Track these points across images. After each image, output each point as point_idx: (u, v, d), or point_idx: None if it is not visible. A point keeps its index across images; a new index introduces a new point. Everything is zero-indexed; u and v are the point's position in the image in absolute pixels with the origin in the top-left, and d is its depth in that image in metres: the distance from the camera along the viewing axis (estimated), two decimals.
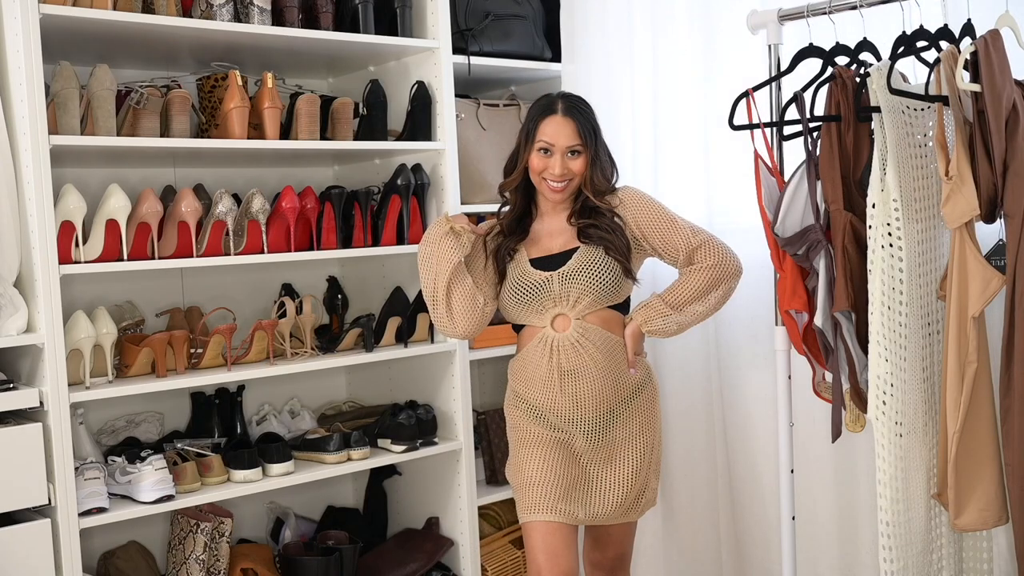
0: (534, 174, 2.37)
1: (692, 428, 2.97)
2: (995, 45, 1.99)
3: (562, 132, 2.32)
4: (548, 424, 2.36)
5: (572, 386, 2.33)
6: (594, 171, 2.35)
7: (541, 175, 2.36)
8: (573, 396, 2.33)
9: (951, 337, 2.07)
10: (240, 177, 3.02)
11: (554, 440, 2.36)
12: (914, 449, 2.18)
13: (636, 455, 2.39)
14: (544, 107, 2.37)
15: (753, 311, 2.74)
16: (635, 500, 2.41)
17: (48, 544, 2.28)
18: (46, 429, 2.29)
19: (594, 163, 2.35)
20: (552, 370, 2.33)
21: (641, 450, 2.39)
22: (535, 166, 2.36)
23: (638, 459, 2.39)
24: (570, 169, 2.34)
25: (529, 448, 2.37)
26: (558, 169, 2.33)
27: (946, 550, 2.29)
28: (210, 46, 2.68)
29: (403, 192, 2.82)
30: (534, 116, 2.37)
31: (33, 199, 2.27)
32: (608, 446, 2.37)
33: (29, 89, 2.24)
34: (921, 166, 2.16)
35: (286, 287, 3.07)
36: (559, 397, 2.33)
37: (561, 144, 2.32)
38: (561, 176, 2.33)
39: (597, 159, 2.36)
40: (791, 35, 2.46)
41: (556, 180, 2.34)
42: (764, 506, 2.80)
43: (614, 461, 2.37)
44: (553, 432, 2.35)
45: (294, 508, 3.06)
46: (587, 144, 2.34)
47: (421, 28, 2.91)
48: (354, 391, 3.30)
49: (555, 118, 2.34)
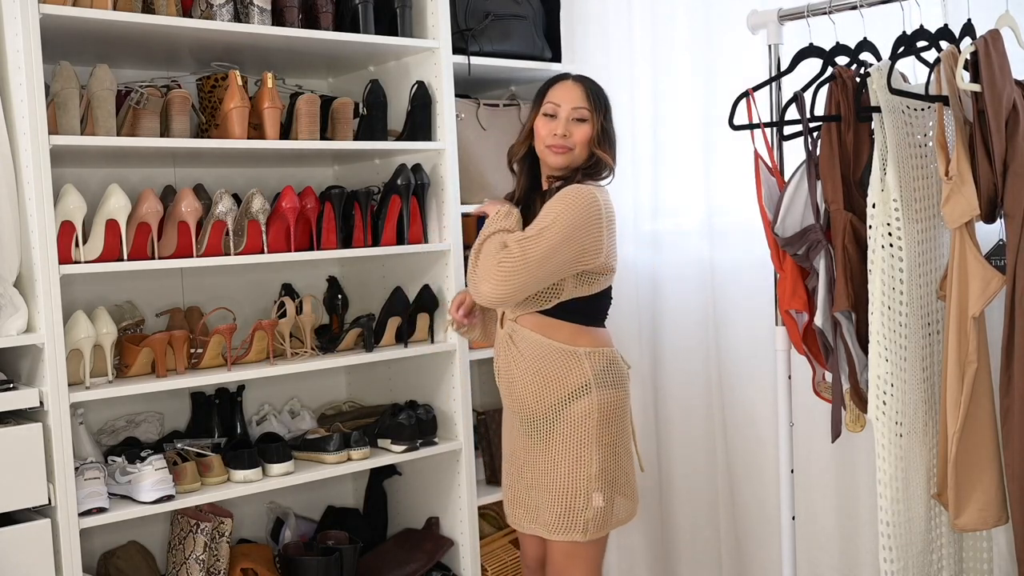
0: (539, 143, 2.30)
1: (692, 428, 2.97)
2: (995, 45, 1.99)
3: (570, 94, 2.28)
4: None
5: (506, 386, 2.36)
6: (601, 145, 2.27)
7: (545, 143, 2.28)
8: (508, 395, 2.36)
9: (951, 337, 2.07)
10: (240, 177, 3.02)
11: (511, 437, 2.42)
12: (914, 449, 2.18)
13: (557, 470, 2.27)
14: (557, 76, 2.36)
15: (753, 311, 2.74)
16: (557, 518, 2.27)
17: (48, 544, 2.28)
18: (46, 429, 2.29)
19: (601, 138, 2.27)
20: (496, 367, 2.38)
21: (565, 467, 2.26)
22: (540, 131, 2.29)
23: (558, 475, 2.27)
24: (572, 133, 2.26)
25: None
26: (560, 128, 2.26)
27: (946, 550, 2.29)
28: (210, 46, 2.68)
29: (403, 192, 2.82)
30: (546, 83, 2.34)
31: (33, 199, 2.27)
32: (534, 451, 2.31)
33: (29, 89, 2.24)
34: (921, 166, 2.16)
35: (286, 287, 3.07)
36: (504, 394, 2.38)
37: (567, 106, 2.27)
38: (563, 137, 2.26)
39: (605, 135, 2.28)
40: (791, 35, 2.46)
41: (557, 143, 2.26)
42: (764, 506, 2.80)
43: (535, 470, 2.31)
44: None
45: (294, 508, 3.06)
46: (595, 111, 2.26)
47: (421, 28, 2.91)
48: (354, 391, 3.30)
49: (566, 83, 2.31)
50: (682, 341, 2.96)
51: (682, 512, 3.01)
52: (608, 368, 2.31)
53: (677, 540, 3.03)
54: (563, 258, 2.19)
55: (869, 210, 2.12)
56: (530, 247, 2.16)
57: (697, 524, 2.99)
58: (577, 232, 2.19)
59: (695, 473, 2.98)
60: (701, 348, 2.92)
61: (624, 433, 2.34)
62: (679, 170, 2.93)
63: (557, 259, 2.18)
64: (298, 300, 2.86)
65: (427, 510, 3.05)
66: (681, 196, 2.94)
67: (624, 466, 2.33)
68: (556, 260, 2.18)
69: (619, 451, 2.31)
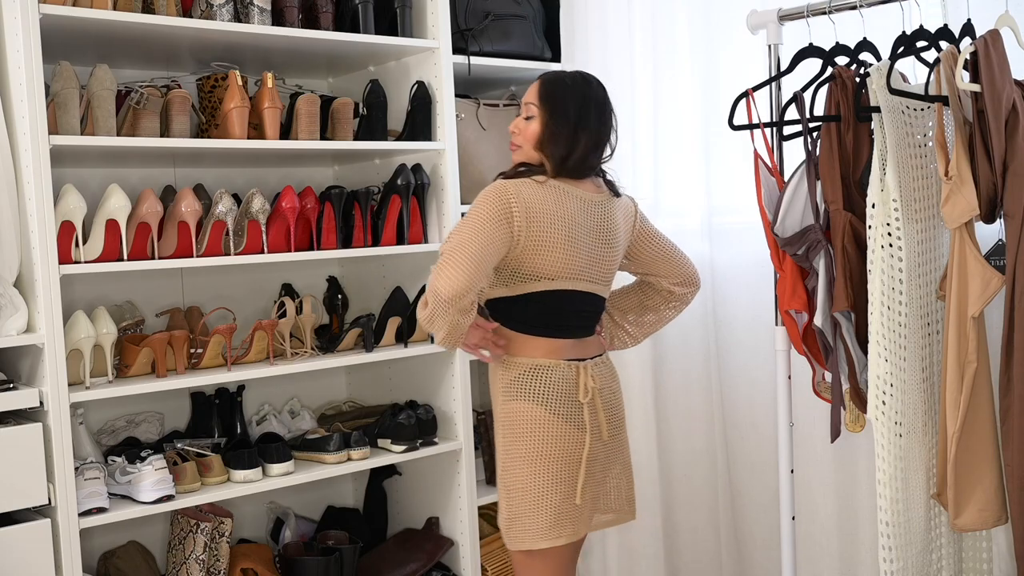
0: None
1: (692, 428, 2.97)
2: (995, 45, 1.99)
3: (529, 92, 2.27)
4: None
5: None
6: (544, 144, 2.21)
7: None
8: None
9: (951, 337, 2.07)
10: (240, 177, 3.02)
11: None
12: (914, 449, 2.18)
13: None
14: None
15: (753, 311, 2.74)
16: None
17: (48, 544, 2.28)
18: (46, 429, 2.29)
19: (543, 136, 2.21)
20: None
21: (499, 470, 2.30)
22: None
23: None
24: (519, 128, 2.25)
25: None
26: (512, 126, 2.27)
27: (946, 550, 2.29)
28: (210, 46, 2.68)
29: (403, 192, 2.82)
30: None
31: (33, 199, 2.27)
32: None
33: (29, 89, 2.24)
34: (921, 166, 2.16)
35: (286, 287, 3.07)
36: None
37: (523, 102, 2.27)
38: (513, 135, 2.27)
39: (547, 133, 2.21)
40: (791, 35, 2.46)
41: (510, 140, 2.27)
42: (764, 506, 2.80)
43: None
44: None
45: (294, 508, 3.06)
46: (542, 107, 2.22)
47: (421, 28, 2.91)
48: (354, 391, 3.30)
49: (535, 81, 2.30)
50: (682, 341, 2.95)
51: (682, 512, 3.01)
52: (519, 379, 2.23)
53: (677, 540, 3.03)
54: (475, 248, 2.11)
55: (869, 210, 2.12)
56: (445, 244, 2.16)
57: (697, 524, 2.99)
58: (478, 223, 2.13)
59: (695, 473, 2.97)
60: (701, 348, 2.92)
61: (541, 452, 2.20)
62: (679, 170, 2.93)
63: (470, 249, 2.11)
64: (298, 300, 2.86)
65: (427, 510, 3.05)
66: (681, 196, 2.94)
67: (533, 487, 2.20)
68: (470, 250, 2.10)
69: (528, 469, 2.20)
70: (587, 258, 2.24)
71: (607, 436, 2.27)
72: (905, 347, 2.13)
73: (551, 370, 2.22)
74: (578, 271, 2.23)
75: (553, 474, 2.20)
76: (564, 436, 2.21)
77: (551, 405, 2.21)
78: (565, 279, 2.23)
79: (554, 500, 2.20)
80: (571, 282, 2.24)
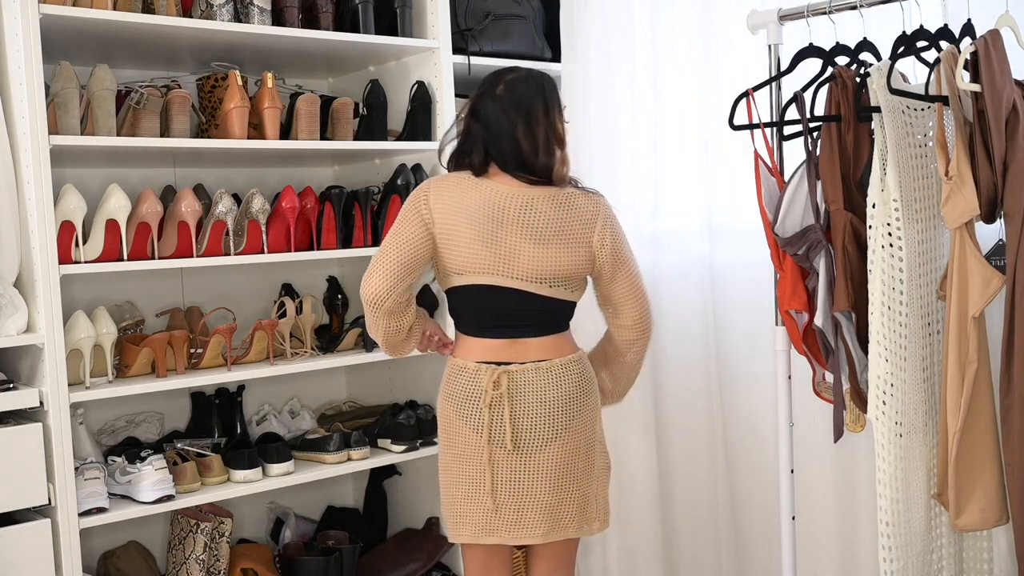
0: None
1: (692, 428, 2.96)
2: (995, 45, 1.99)
3: None
4: None
5: None
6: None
7: None
8: None
9: (951, 337, 2.07)
10: (240, 177, 3.02)
11: None
12: (914, 449, 2.18)
13: None
14: None
15: (753, 311, 2.74)
16: None
17: (48, 544, 2.28)
18: (46, 429, 2.29)
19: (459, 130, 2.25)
20: None
21: None
22: None
23: None
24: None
25: None
26: None
27: (946, 550, 2.29)
28: (210, 46, 2.68)
29: (403, 192, 2.82)
30: None
31: (33, 199, 2.27)
32: None
33: (29, 89, 2.24)
34: (921, 166, 2.16)
35: (286, 287, 3.07)
36: None
37: None
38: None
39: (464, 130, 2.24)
40: (791, 35, 2.46)
41: None
42: (764, 506, 2.80)
43: None
44: None
45: (294, 508, 3.06)
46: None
47: (421, 28, 2.91)
48: (354, 391, 3.30)
49: None
50: (682, 341, 2.95)
51: (682, 512, 3.01)
52: (445, 379, 2.26)
53: (677, 540, 3.03)
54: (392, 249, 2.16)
55: (869, 210, 2.12)
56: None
57: (697, 524, 2.99)
58: (397, 223, 2.19)
59: (695, 473, 2.97)
60: (701, 348, 2.92)
61: (447, 450, 2.25)
62: (679, 170, 2.93)
63: (388, 251, 2.16)
64: (298, 300, 2.86)
65: (427, 510, 3.05)
66: (681, 196, 2.94)
67: (443, 482, 2.27)
68: (387, 252, 2.16)
69: (441, 464, 2.28)
70: (502, 252, 2.14)
71: (511, 446, 2.15)
72: (905, 347, 2.13)
73: (463, 371, 2.20)
74: (489, 265, 2.14)
75: (454, 473, 2.23)
76: (462, 437, 2.19)
77: (456, 406, 2.20)
78: (476, 273, 2.15)
79: (456, 497, 2.23)
80: (486, 276, 2.15)
